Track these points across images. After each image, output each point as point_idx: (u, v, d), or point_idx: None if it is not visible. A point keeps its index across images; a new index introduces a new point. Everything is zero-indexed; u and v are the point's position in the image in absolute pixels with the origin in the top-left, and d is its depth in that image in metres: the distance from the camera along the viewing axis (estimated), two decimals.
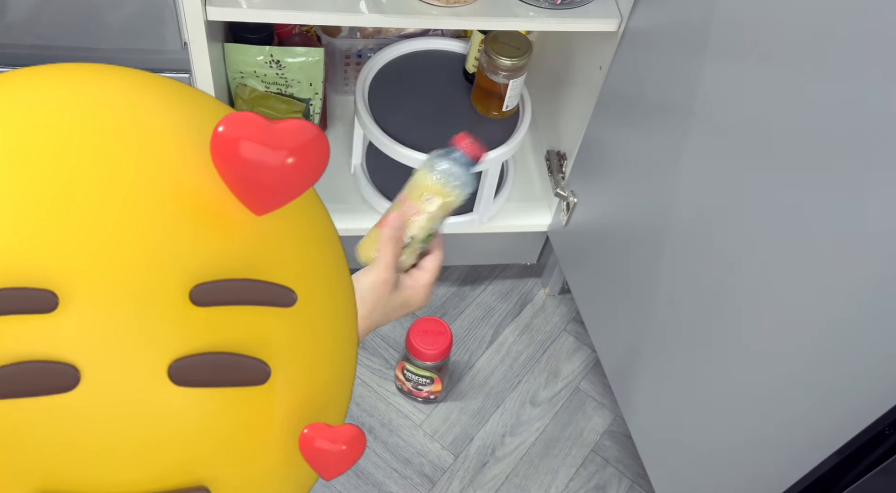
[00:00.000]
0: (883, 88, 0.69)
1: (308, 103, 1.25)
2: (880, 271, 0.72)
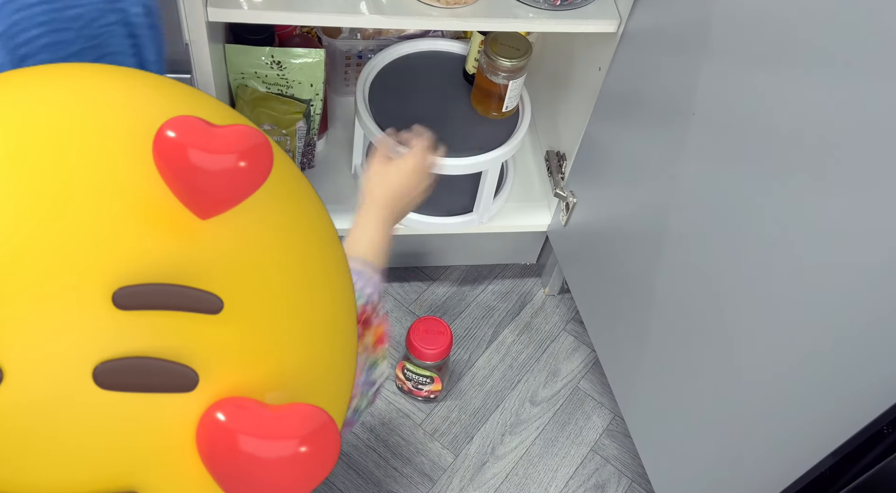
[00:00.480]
0: (883, 88, 0.69)
1: (309, 104, 1.26)
2: (880, 271, 0.72)
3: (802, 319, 0.82)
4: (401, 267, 1.56)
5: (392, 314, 1.50)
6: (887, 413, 0.73)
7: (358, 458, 1.32)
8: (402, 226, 1.29)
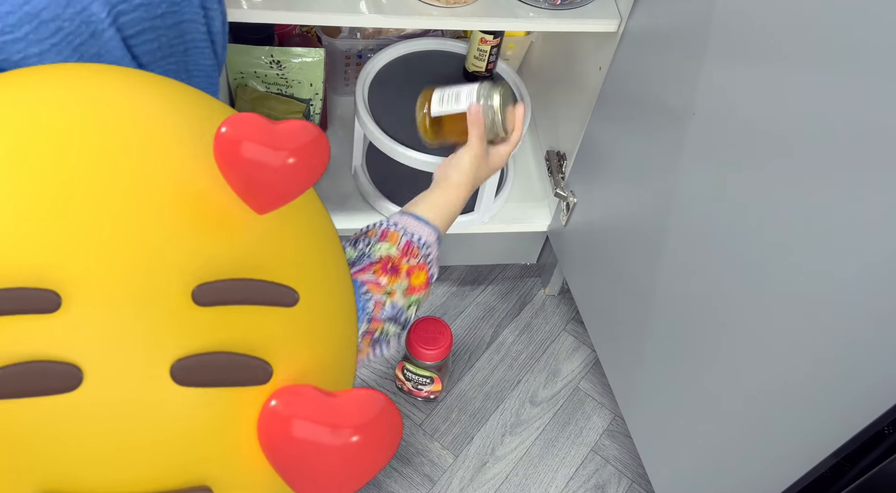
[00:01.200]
0: (884, 89, 0.69)
1: (308, 104, 1.25)
2: (881, 271, 0.72)
3: (803, 319, 0.82)
4: None
5: None
6: (888, 414, 0.73)
7: None
8: None
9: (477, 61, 1.22)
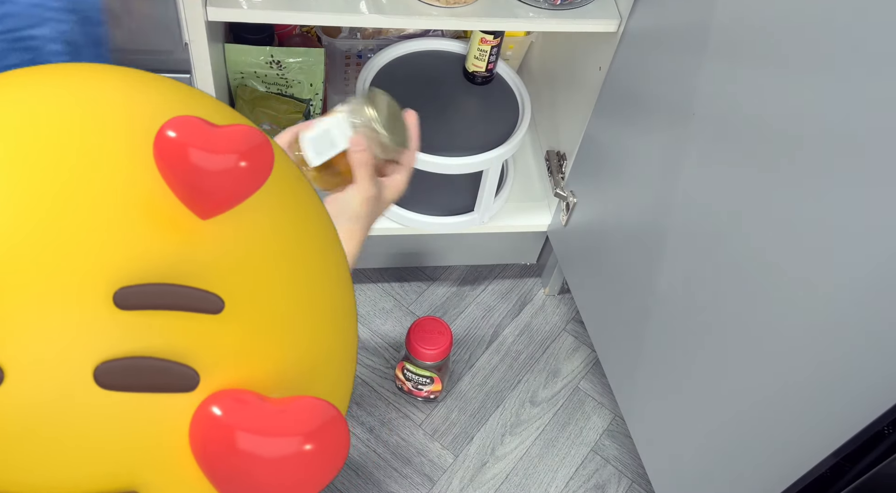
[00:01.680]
0: (884, 89, 0.69)
1: (308, 104, 1.25)
2: (880, 271, 0.72)
3: (803, 319, 0.82)
4: (401, 267, 1.56)
5: (392, 314, 1.49)
6: (888, 414, 0.73)
7: (358, 458, 1.32)
8: (402, 226, 1.29)
9: (477, 61, 1.22)
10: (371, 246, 1.45)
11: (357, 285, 1.54)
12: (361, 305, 1.47)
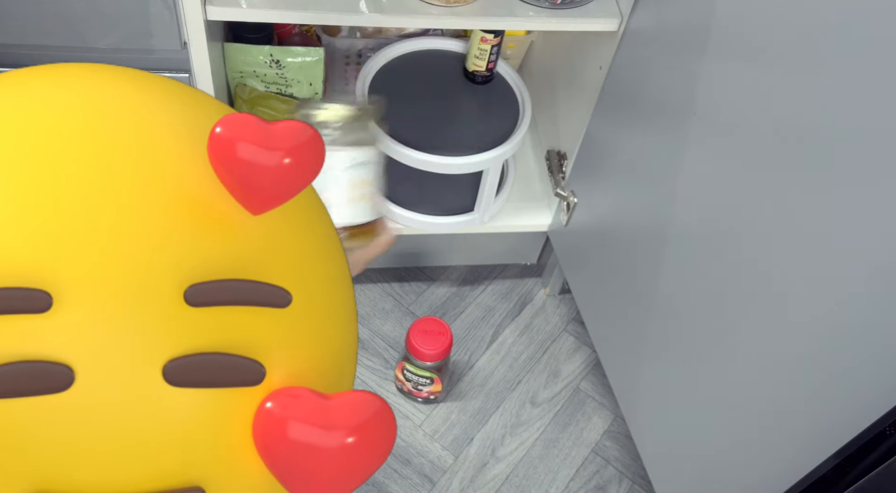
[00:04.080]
0: (884, 88, 0.69)
1: None
2: (882, 271, 0.72)
3: (804, 319, 0.81)
4: (401, 267, 1.56)
5: (392, 314, 1.49)
6: (889, 414, 0.73)
7: None
8: (401, 226, 1.29)
9: (477, 61, 1.22)
10: None
11: (357, 285, 1.54)
12: (361, 305, 1.47)
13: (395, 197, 1.30)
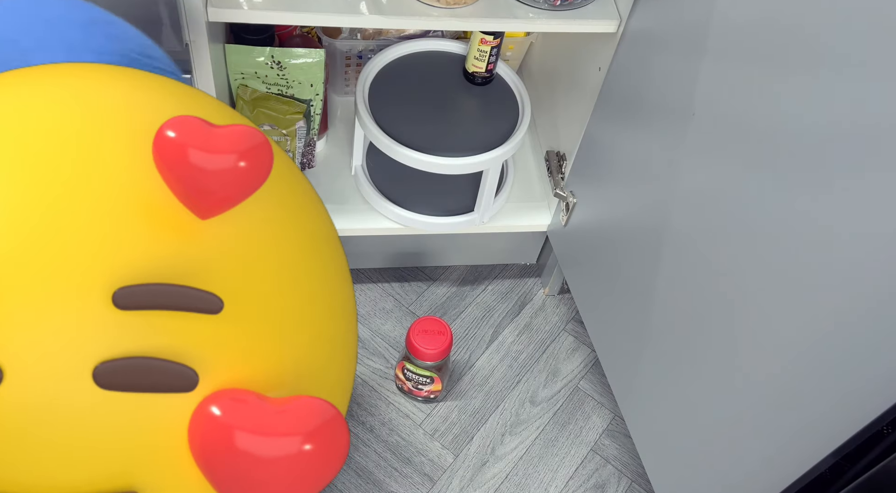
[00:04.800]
0: (884, 88, 0.69)
1: (309, 104, 1.26)
2: (881, 270, 0.72)
3: (803, 318, 0.82)
4: (401, 267, 1.56)
5: (392, 314, 1.50)
6: (887, 413, 0.73)
7: (358, 458, 1.32)
8: (402, 226, 1.29)
9: (477, 62, 1.23)
10: (371, 246, 1.45)
11: (357, 285, 1.54)
12: (361, 305, 1.47)
13: (396, 198, 1.30)
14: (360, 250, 1.43)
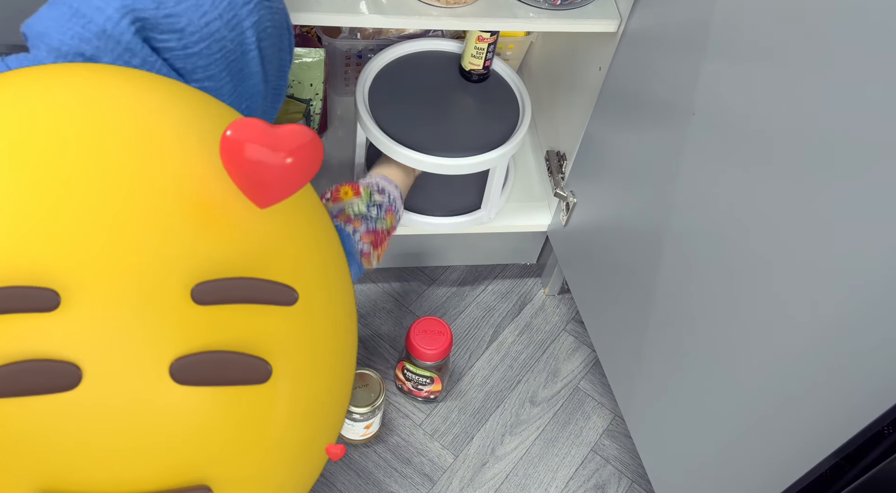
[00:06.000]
0: (884, 88, 0.69)
1: (308, 104, 1.25)
2: (881, 270, 0.72)
3: (803, 318, 0.82)
4: (401, 267, 1.56)
5: (392, 314, 1.50)
6: (888, 414, 0.73)
7: (358, 458, 1.32)
8: (408, 227, 1.29)
9: (474, 59, 1.22)
10: None
11: (357, 285, 1.54)
12: (361, 305, 1.47)
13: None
14: None
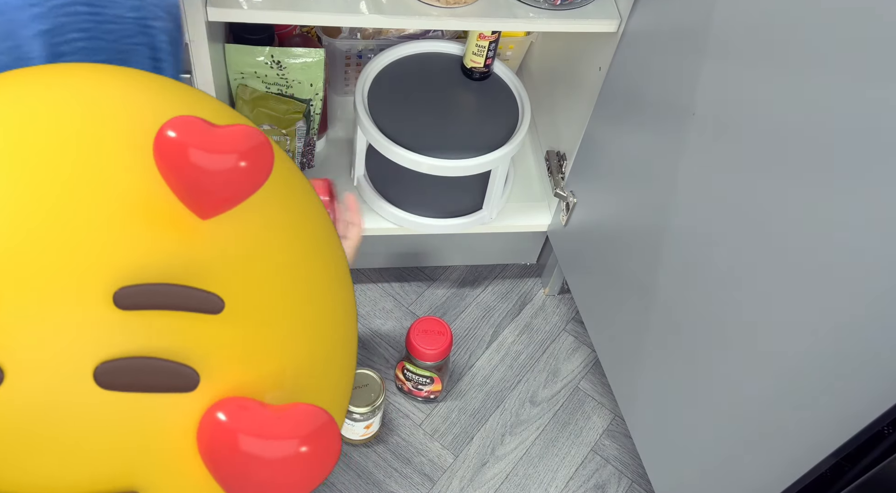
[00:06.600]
0: (883, 88, 0.69)
1: (308, 104, 1.25)
2: (881, 270, 0.72)
3: (803, 318, 0.82)
4: (401, 267, 1.56)
5: (392, 314, 1.49)
6: (888, 414, 0.73)
7: (358, 458, 1.32)
8: (402, 227, 1.29)
9: (475, 57, 1.22)
10: (371, 246, 1.45)
11: (357, 285, 1.54)
12: (361, 305, 1.47)
13: (395, 199, 1.30)
14: (360, 250, 1.43)
